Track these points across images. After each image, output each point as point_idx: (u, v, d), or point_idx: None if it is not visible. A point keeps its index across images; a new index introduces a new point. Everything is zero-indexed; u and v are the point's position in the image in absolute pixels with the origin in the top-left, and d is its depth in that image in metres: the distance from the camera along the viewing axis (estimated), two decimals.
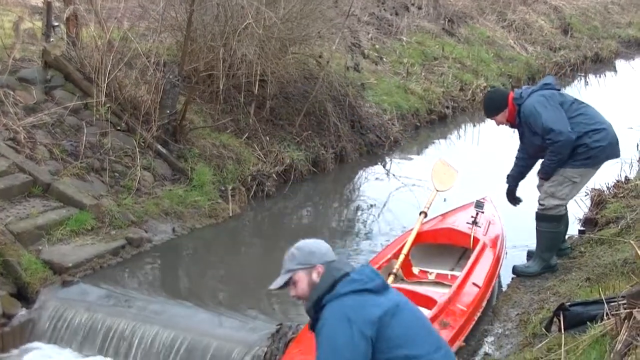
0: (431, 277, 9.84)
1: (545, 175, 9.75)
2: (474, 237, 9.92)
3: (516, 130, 10.05)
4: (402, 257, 9.37)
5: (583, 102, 9.82)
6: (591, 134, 9.33)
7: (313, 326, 5.53)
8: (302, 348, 7.26)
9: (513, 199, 10.43)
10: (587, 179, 9.87)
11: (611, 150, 9.65)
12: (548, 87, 9.74)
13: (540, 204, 9.72)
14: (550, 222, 9.66)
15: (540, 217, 9.74)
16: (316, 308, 5.46)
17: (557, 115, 9.42)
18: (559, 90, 9.98)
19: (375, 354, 5.26)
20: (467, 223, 10.21)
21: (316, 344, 5.37)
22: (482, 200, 10.37)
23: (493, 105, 9.91)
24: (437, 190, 10.89)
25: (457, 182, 11.18)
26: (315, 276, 5.54)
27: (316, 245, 5.71)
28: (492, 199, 11.08)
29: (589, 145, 9.30)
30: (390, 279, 8.80)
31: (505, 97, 9.81)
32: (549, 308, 8.15)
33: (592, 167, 9.62)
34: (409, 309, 5.55)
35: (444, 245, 10.48)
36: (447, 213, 11.05)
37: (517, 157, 10.28)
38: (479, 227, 10.12)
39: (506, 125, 9.99)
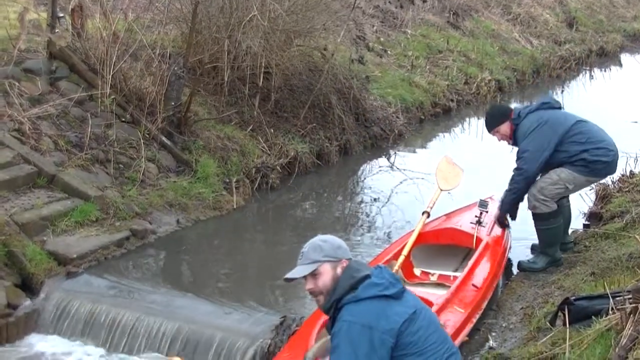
0: (433, 279, 9.67)
1: (504, 212, 9.98)
2: (476, 237, 9.77)
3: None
4: (401, 258, 9.18)
5: (587, 122, 9.75)
6: (591, 150, 9.35)
7: (330, 326, 5.56)
8: (292, 354, 7.10)
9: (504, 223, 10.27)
10: (579, 189, 10.01)
11: (610, 168, 9.76)
12: (546, 106, 9.74)
13: (530, 204, 9.71)
14: (545, 219, 9.68)
15: (535, 217, 9.78)
16: (335, 307, 5.45)
17: (537, 145, 9.46)
18: (560, 108, 9.97)
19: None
20: (471, 223, 10.08)
21: (333, 346, 5.37)
22: (486, 200, 10.28)
23: (494, 118, 9.97)
24: (441, 190, 10.66)
25: (462, 180, 10.92)
26: (339, 271, 5.53)
27: (340, 240, 5.71)
28: (498, 197, 10.65)
29: (587, 159, 9.33)
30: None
31: (506, 111, 9.92)
32: (554, 302, 8.16)
33: (588, 176, 9.61)
34: (425, 315, 5.58)
35: (448, 246, 10.29)
36: (451, 213, 10.83)
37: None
38: (483, 226, 9.98)
39: (508, 141, 9.98)
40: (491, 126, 9.98)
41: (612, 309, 6.59)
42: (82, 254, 10.13)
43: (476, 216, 10.06)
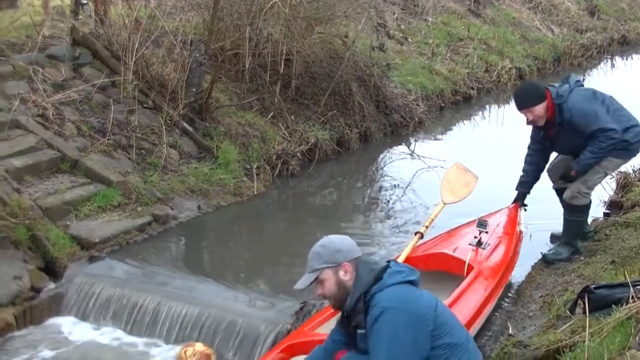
0: None
1: (581, 170, 9.34)
2: (469, 263, 8.41)
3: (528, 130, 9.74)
4: None
5: (614, 99, 9.57)
6: (631, 129, 9.17)
7: (357, 321, 5.57)
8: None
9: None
10: (616, 170, 10.12)
11: None
12: (579, 84, 9.49)
13: (570, 194, 9.41)
14: (579, 211, 9.55)
15: (571, 208, 9.49)
16: (364, 300, 5.45)
17: (608, 114, 9.15)
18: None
19: None
20: (470, 244, 8.79)
21: (374, 330, 5.35)
22: (484, 219, 9.03)
23: (531, 95, 9.22)
24: (444, 203, 9.52)
25: (474, 189, 9.81)
26: (342, 274, 5.55)
27: (341, 242, 5.67)
28: (516, 206, 9.85)
29: (629, 140, 9.15)
30: None
31: (543, 89, 9.21)
32: (573, 290, 8.17)
33: (627, 159, 9.60)
34: (441, 302, 5.67)
35: (441, 272, 8.89)
36: (452, 230, 9.62)
37: (525, 168, 9.86)
38: (483, 249, 8.73)
39: (539, 122, 9.26)
40: (526, 105, 9.19)
41: (633, 297, 6.61)
42: (105, 239, 10.22)
43: (475, 237, 8.83)
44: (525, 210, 9.85)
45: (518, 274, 9.59)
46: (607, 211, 11.20)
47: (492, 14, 23.39)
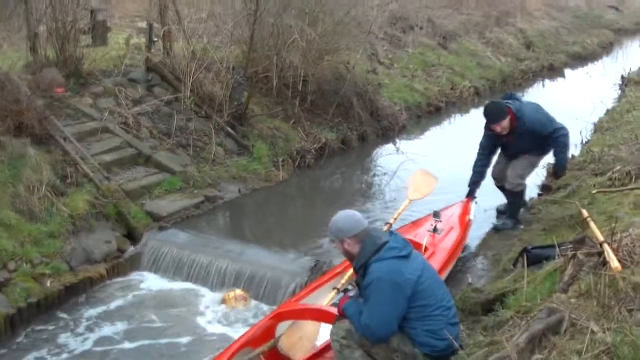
0: None
1: (563, 168, 9.54)
2: (426, 246, 7.99)
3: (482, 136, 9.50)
4: (350, 273, 7.02)
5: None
6: (557, 131, 9.19)
7: (360, 280, 5.65)
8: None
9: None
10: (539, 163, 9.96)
11: None
12: (520, 98, 9.56)
13: (510, 184, 9.46)
14: (519, 196, 9.66)
15: (514, 194, 9.56)
16: (365, 267, 5.51)
17: (552, 118, 9.26)
18: None
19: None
20: (428, 231, 8.40)
21: (364, 296, 5.50)
22: (439, 212, 8.62)
23: (500, 112, 9.02)
24: (410, 200, 9.11)
25: (434, 188, 9.45)
26: (346, 246, 5.63)
27: (345, 222, 5.67)
28: (467, 200, 9.51)
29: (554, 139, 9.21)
30: (332, 294, 6.86)
31: (505, 107, 9.06)
32: (516, 250, 8.18)
33: (544, 156, 9.74)
34: (429, 270, 5.72)
35: None
36: (415, 221, 9.11)
37: (477, 170, 9.59)
38: (438, 234, 8.36)
39: (504, 132, 9.07)
40: (497, 120, 9.01)
41: (558, 255, 6.63)
42: (170, 214, 10.28)
43: (432, 225, 8.47)
44: (477, 203, 9.64)
45: (476, 239, 9.57)
46: (540, 192, 11.18)
47: (456, 47, 23.27)
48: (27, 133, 9.85)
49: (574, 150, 12.69)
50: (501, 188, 9.88)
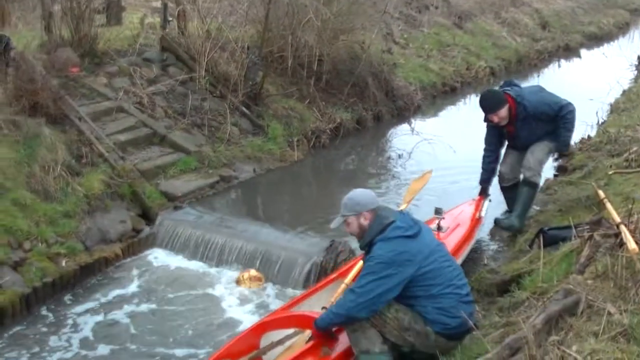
0: None
1: (566, 145, 8.78)
2: None
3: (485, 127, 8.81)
4: (356, 268, 6.78)
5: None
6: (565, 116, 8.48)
7: (365, 256, 5.68)
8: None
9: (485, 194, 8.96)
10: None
11: None
12: (519, 84, 8.75)
13: (532, 171, 8.53)
14: (535, 188, 8.78)
15: (529, 184, 8.61)
16: (369, 244, 5.58)
17: (556, 96, 8.54)
18: None
19: (409, 284, 5.44)
20: (432, 229, 7.33)
21: (363, 268, 5.55)
22: (440, 208, 8.14)
23: (497, 100, 8.34)
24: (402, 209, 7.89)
25: (428, 179, 9.10)
26: (362, 220, 5.67)
27: (362, 197, 5.76)
28: (475, 198, 8.97)
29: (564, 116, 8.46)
30: (342, 287, 6.60)
31: (502, 94, 8.38)
32: (532, 231, 8.15)
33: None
34: (440, 252, 5.70)
35: None
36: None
37: (485, 167, 8.92)
38: (443, 232, 7.96)
39: (503, 122, 8.39)
40: (493, 110, 8.33)
41: (575, 236, 6.60)
42: (185, 193, 10.29)
43: (436, 223, 8.02)
44: (490, 200, 8.98)
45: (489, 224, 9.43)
46: (556, 173, 11.13)
47: (471, 27, 23.13)
48: (41, 112, 9.84)
49: (590, 130, 12.64)
50: (508, 188, 9.05)
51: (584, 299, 4.82)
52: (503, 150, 9.03)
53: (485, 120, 8.64)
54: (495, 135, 8.79)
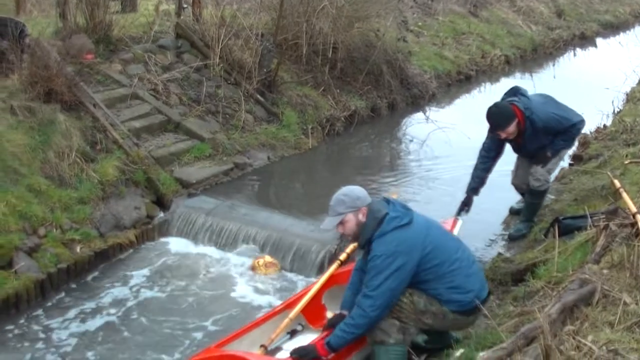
0: None
1: (555, 153, 8.14)
2: None
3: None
4: (297, 308, 6.24)
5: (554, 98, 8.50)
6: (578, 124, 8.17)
7: (365, 254, 5.51)
8: None
9: (468, 206, 8.20)
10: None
11: None
12: (526, 93, 8.17)
13: (537, 181, 8.21)
14: (541, 196, 8.46)
15: (537, 194, 8.35)
16: (370, 242, 5.39)
17: (567, 111, 8.08)
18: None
19: (417, 270, 5.33)
20: None
21: (369, 271, 5.32)
22: None
23: (506, 117, 7.75)
24: None
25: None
26: (360, 216, 5.42)
27: (359, 191, 5.53)
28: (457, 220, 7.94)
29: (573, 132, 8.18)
30: (283, 325, 6.06)
31: (511, 109, 7.79)
32: (547, 220, 8.12)
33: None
34: (435, 227, 5.62)
35: None
36: None
37: (477, 174, 8.23)
38: None
39: (511, 137, 7.91)
40: (502, 127, 7.79)
41: (590, 226, 6.57)
42: (199, 180, 10.27)
43: None
44: (463, 221, 7.93)
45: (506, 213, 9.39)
46: (571, 162, 11.08)
47: (486, 15, 23.06)
48: (56, 99, 9.84)
49: (606, 119, 12.59)
50: (523, 193, 8.86)
51: (600, 288, 4.79)
52: (498, 161, 8.39)
53: (491, 132, 8.09)
54: (496, 144, 8.18)
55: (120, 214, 9.14)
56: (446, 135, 12.77)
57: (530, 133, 7.88)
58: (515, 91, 8.12)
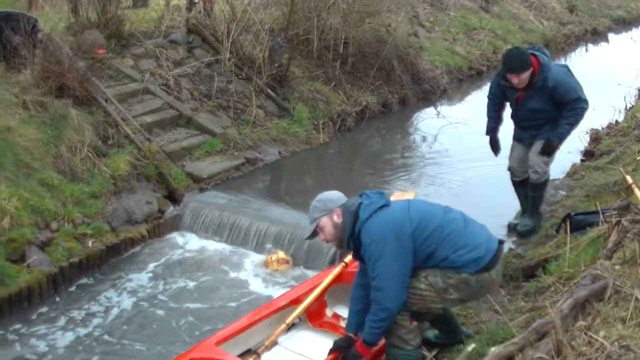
0: (343, 324, 6.12)
1: (561, 140, 7.93)
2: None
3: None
4: (300, 308, 6.16)
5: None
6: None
7: (356, 253, 5.35)
8: None
9: (496, 147, 8.52)
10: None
11: None
12: (548, 54, 8.00)
13: (535, 173, 8.05)
14: (542, 188, 8.28)
15: (538, 186, 8.18)
16: (354, 238, 5.24)
17: (580, 86, 7.81)
18: None
19: (415, 241, 5.13)
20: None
21: (367, 263, 5.20)
22: None
23: (524, 62, 7.55)
24: None
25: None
26: (336, 218, 5.27)
27: (331, 194, 5.43)
28: None
29: (577, 110, 7.82)
30: (282, 327, 5.97)
31: (529, 57, 7.59)
32: (558, 216, 8.10)
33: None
34: (415, 202, 5.51)
35: None
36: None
37: (490, 115, 8.45)
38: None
39: (521, 85, 7.68)
40: (516, 71, 7.58)
41: (602, 222, 6.55)
42: (211, 175, 10.30)
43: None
44: (499, 150, 8.45)
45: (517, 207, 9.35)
46: (583, 158, 11.06)
47: (497, 10, 23.02)
48: (68, 94, 9.88)
49: (618, 115, 12.55)
50: (519, 183, 8.55)
51: (612, 284, 4.79)
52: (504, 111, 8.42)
53: (502, 76, 7.92)
54: (500, 90, 8.15)
55: (132, 208, 9.17)
56: (457, 131, 12.77)
57: (539, 87, 7.67)
58: (538, 48, 8.13)
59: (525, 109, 7.93)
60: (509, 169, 8.55)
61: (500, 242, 5.38)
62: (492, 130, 8.49)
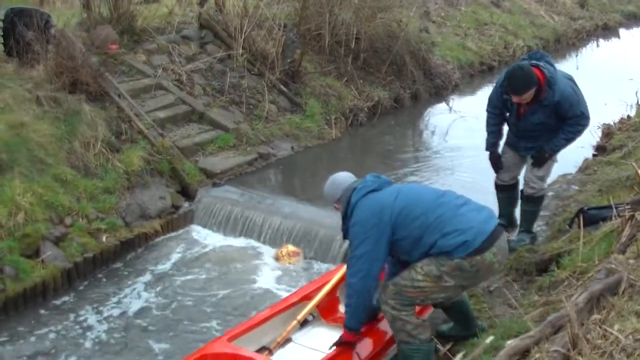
0: None
1: (554, 152, 7.38)
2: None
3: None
4: (311, 304, 6.14)
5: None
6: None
7: (346, 234, 5.49)
8: None
9: (498, 164, 7.78)
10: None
11: None
12: (552, 62, 7.42)
13: (531, 189, 7.53)
14: (540, 203, 7.79)
15: (532, 200, 7.62)
16: (347, 220, 5.43)
17: (584, 102, 7.21)
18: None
19: (398, 228, 5.23)
20: None
21: (350, 239, 5.36)
22: None
23: (529, 83, 6.89)
24: None
25: None
26: (337, 206, 5.62)
27: (328, 192, 5.71)
28: None
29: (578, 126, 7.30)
30: (293, 323, 5.95)
31: (534, 75, 6.97)
32: (571, 211, 8.05)
33: None
34: (406, 187, 5.61)
35: None
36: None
37: (491, 130, 7.72)
38: None
39: (524, 101, 7.09)
40: (520, 92, 6.97)
41: (615, 216, 6.53)
42: (224, 170, 10.32)
43: None
44: (501, 167, 7.76)
45: None
46: (595, 153, 11.01)
47: (508, 5, 22.96)
48: (81, 89, 9.91)
49: (630, 110, 12.51)
50: (506, 187, 7.94)
51: (626, 278, 4.77)
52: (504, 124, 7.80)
53: (504, 91, 7.34)
54: (501, 102, 7.53)
55: (146, 203, 9.20)
56: (469, 126, 12.74)
57: (543, 104, 7.09)
58: (539, 55, 7.48)
59: (528, 123, 7.38)
60: (498, 172, 7.96)
61: (500, 224, 5.33)
62: (493, 145, 7.81)
